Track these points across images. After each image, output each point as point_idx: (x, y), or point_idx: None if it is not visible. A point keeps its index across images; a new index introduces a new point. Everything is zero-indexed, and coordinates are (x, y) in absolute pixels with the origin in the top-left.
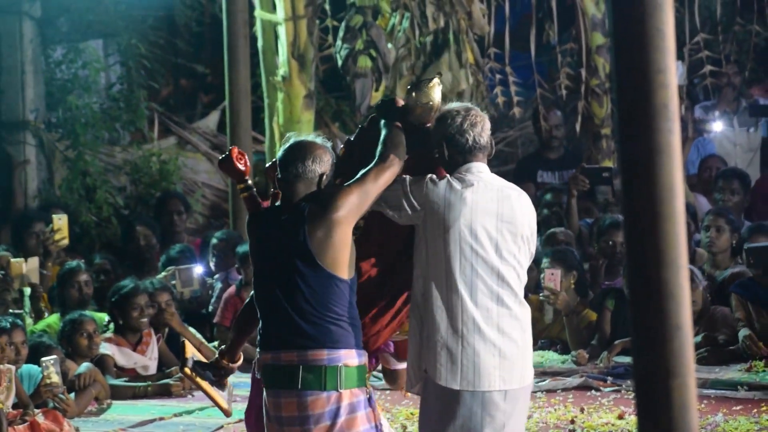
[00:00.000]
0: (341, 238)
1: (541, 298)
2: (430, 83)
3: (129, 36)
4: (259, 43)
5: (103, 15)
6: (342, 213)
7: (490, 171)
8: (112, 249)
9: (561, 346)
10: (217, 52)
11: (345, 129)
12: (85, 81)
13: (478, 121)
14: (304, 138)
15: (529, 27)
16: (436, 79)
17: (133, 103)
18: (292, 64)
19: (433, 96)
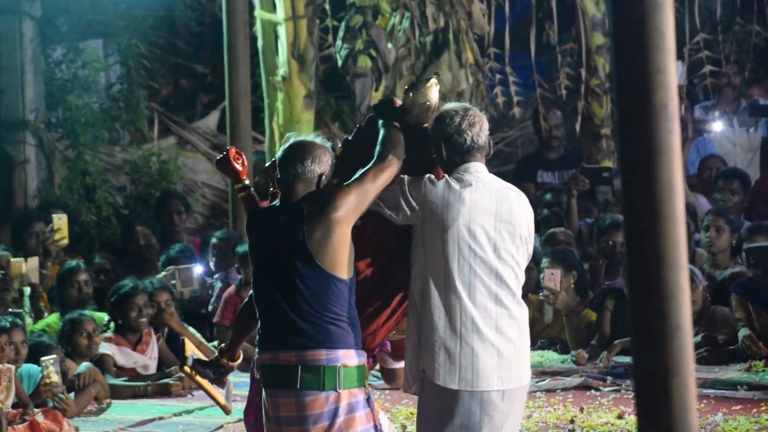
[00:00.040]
0: (340, 237)
1: (541, 298)
2: (428, 84)
3: (129, 36)
4: (259, 43)
5: (103, 15)
6: (341, 213)
7: (488, 171)
8: (112, 249)
9: (561, 346)
10: (217, 52)
11: (345, 129)
12: (85, 81)
13: (476, 121)
14: (303, 138)
15: (529, 27)
16: (433, 79)
17: (133, 102)
18: (292, 64)
19: (430, 96)
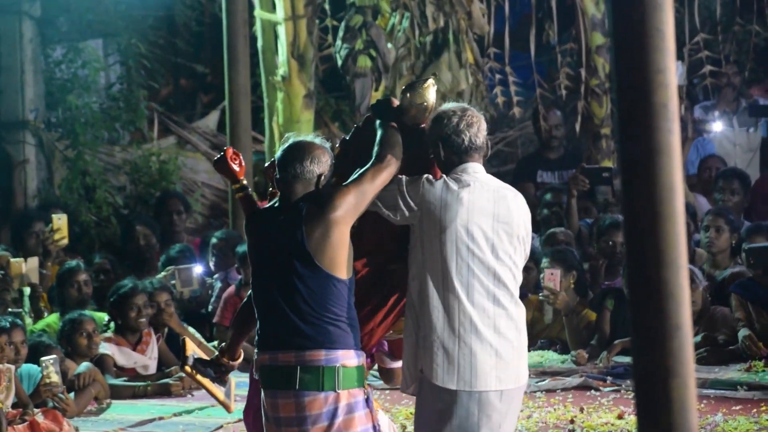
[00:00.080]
0: (339, 238)
1: (540, 298)
2: (425, 84)
3: (129, 36)
4: (259, 43)
5: (103, 15)
6: (339, 213)
7: (486, 171)
8: (112, 249)
9: (561, 346)
10: (217, 52)
11: (345, 129)
12: (85, 81)
13: (474, 122)
14: (302, 138)
15: (529, 27)
16: (430, 79)
17: (132, 102)
18: (292, 63)
19: (427, 97)
